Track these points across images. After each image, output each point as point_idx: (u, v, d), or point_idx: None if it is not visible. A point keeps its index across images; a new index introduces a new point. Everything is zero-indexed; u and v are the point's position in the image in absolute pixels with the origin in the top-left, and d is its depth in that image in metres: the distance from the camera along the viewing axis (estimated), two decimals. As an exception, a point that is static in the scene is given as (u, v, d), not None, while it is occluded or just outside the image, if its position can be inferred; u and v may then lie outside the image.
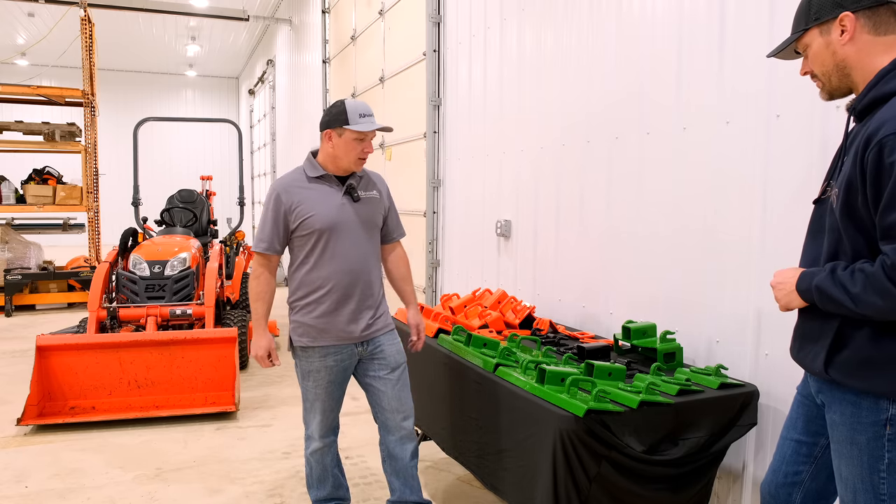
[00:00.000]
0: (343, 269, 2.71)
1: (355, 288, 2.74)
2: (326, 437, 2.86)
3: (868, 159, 1.51)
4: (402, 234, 3.03)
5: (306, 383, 2.79)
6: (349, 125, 2.65)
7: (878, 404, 1.58)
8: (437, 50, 5.56)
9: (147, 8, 12.15)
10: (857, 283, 1.53)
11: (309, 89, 10.79)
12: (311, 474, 2.94)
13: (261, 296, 2.78)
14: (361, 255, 2.75)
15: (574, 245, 3.76)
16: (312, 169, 2.77)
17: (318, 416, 2.81)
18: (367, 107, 2.70)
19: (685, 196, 2.94)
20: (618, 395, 2.32)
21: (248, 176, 18.44)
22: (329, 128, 2.71)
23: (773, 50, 1.81)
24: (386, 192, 2.93)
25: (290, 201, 2.70)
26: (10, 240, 9.03)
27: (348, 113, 2.66)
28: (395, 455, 2.88)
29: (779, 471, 1.92)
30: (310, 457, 2.89)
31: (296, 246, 2.76)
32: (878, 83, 1.59)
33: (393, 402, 2.83)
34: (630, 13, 3.26)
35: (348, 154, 2.70)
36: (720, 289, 2.77)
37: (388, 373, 2.83)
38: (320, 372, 2.76)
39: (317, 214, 2.68)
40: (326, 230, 2.68)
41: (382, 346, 2.83)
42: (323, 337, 2.73)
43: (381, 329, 2.84)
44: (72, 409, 4.49)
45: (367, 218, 2.79)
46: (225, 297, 6.39)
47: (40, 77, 16.43)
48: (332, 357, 2.75)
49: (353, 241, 2.73)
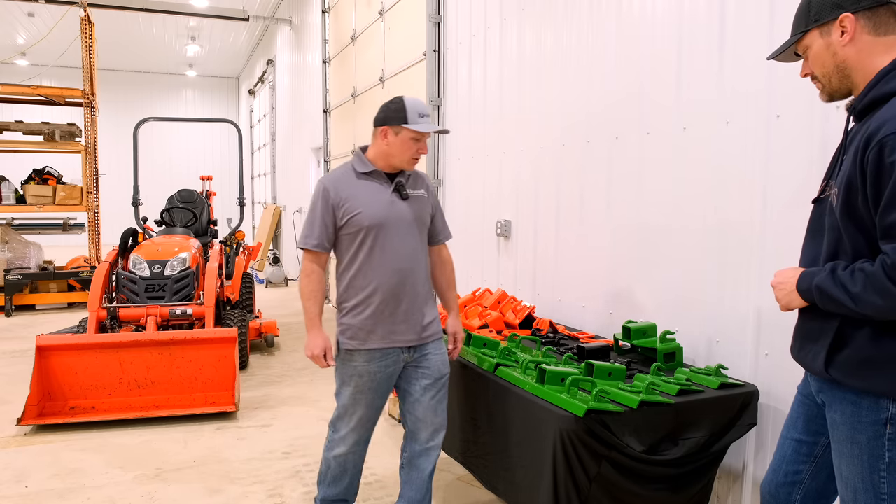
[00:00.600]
0: (392, 268, 2.61)
1: (405, 288, 2.64)
2: (357, 446, 2.76)
3: (868, 159, 1.52)
4: (449, 235, 2.92)
5: (346, 388, 2.68)
6: (408, 124, 2.56)
7: (879, 403, 1.58)
8: (437, 50, 5.56)
9: (147, 8, 12.15)
10: (857, 283, 1.53)
11: (309, 89, 10.79)
12: (328, 472, 2.83)
13: (313, 294, 2.66)
14: (410, 253, 2.65)
15: (574, 245, 3.76)
16: (362, 164, 2.68)
17: (352, 423, 2.70)
18: (425, 107, 2.64)
19: (685, 196, 2.94)
20: (618, 395, 2.32)
21: (248, 176, 18.44)
22: (386, 124, 2.61)
23: (773, 52, 1.81)
24: (432, 192, 2.84)
25: (339, 197, 2.61)
26: (10, 240, 9.03)
27: (408, 111, 2.58)
28: (416, 466, 2.81)
29: (779, 470, 1.92)
30: (332, 458, 2.78)
31: (343, 244, 2.66)
32: (878, 83, 1.60)
33: (428, 413, 2.74)
34: (630, 13, 3.26)
35: (403, 153, 2.62)
36: (720, 288, 2.77)
37: (431, 383, 2.72)
38: (363, 377, 2.64)
39: (365, 211, 2.59)
40: (375, 227, 2.59)
41: (429, 355, 2.72)
42: (371, 339, 2.63)
43: (431, 336, 2.73)
44: (72, 409, 4.49)
45: (415, 216, 2.68)
46: (225, 297, 6.39)
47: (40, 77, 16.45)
48: (377, 362, 2.64)
49: (402, 239, 2.64)
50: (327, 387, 5.32)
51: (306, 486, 3.50)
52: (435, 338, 2.76)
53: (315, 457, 3.89)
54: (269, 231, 13.07)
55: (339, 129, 8.83)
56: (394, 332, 2.64)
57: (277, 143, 14.17)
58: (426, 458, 2.80)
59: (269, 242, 13.12)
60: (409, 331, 2.67)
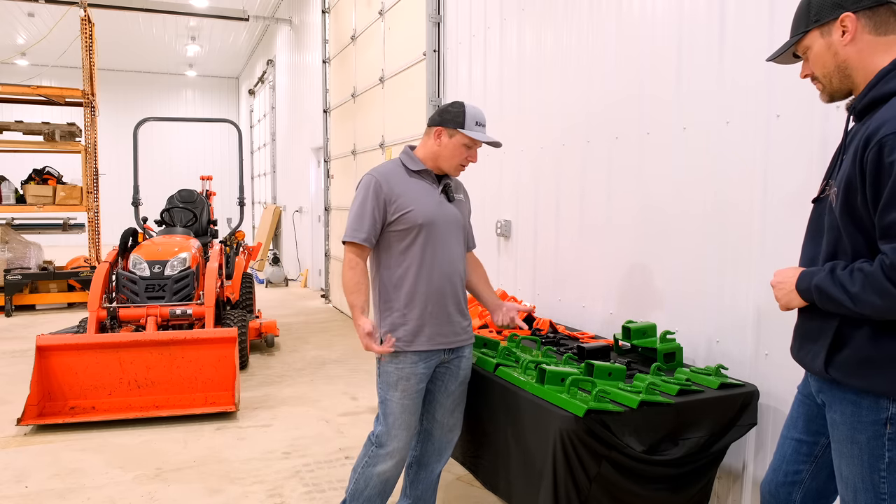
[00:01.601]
0: (441, 269, 2.58)
1: (452, 289, 2.62)
2: (403, 463, 2.67)
3: (868, 159, 1.51)
4: (475, 245, 2.94)
5: (394, 393, 2.58)
6: (464, 129, 2.54)
7: (879, 403, 1.58)
8: (437, 50, 5.56)
9: (147, 8, 12.15)
10: (855, 283, 1.53)
11: (309, 89, 10.79)
12: (364, 492, 2.67)
13: (359, 286, 2.55)
14: (456, 256, 2.64)
15: (574, 245, 3.76)
16: (412, 162, 2.63)
17: (404, 431, 2.60)
18: (483, 116, 2.62)
19: (685, 196, 2.94)
20: (618, 395, 2.32)
21: (248, 176, 18.44)
22: (442, 126, 2.58)
23: (773, 54, 1.80)
24: (469, 199, 2.84)
25: (392, 192, 2.55)
26: (10, 240, 9.03)
27: (466, 117, 2.55)
28: (426, 465, 2.80)
29: (779, 470, 1.92)
30: (374, 475, 2.63)
31: (392, 241, 2.59)
32: (878, 83, 1.59)
33: (447, 416, 2.73)
34: (630, 13, 3.26)
35: (453, 158, 2.59)
36: (720, 289, 2.77)
37: (456, 386, 2.71)
38: (410, 379, 2.57)
39: (417, 209, 2.54)
40: (426, 226, 2.54)
41: (462, 358, 2.70)
42: (418, 340, 2.57)
43: (468, 339, 2.72)
44: (72, 409, 4.49)
45: (460, 221, 2.67)
46: (225, 297, 6.39)
47: (40, 77, 16.45)
48: (422, 364, 2.59)
49: (450, 240, 2.61)
50: (327, 387, 5.32)
51: (306, 486, 3.50)
52: (470, 341, 2.75)
53: (315, 457, 3.90)
54: (269, 231, 13.07)
55: (339, 129, 8.83)
56: (439, 335, 2.60)
57: (277, 143, 14.17)
58: (437, 458, 2.80)
59: (269, 242, 13.13)
60: (451, 333, 2.63)
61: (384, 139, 6.94)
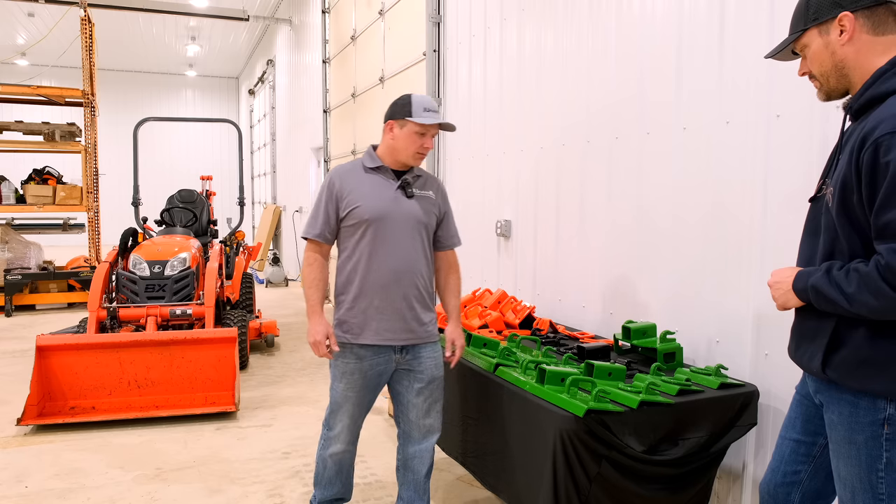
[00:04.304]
0: (389, 265, 2.62)
1: (401, 286, 2.64)
2: (351, 444, 2.79)
3: (864, 158, 1.52)
4: (458, 242, 2.90)
5: (338, 384, 2.70)
6: (412, 117, 2.59)
7: (876, 404, 1.58)
8: (437, 50, 5.56)
9: (147, 8, 12.15)
10: (851, 283, 1.53)
11: (309, 89, 10.79)
12: (324, 473, 2.84)
13: (315, 283, 2.67)
14: (409, 253, 2.65)
15: (574, 245, 3.76)
16: (370, 160, 2.70)
17: (345, 420, 2.72)
18: (432, 102, 2.65)
19: (685, 196, 2.94)
20: (618, 395, 2.32)
21: (248, 176, 18.44)
22: (392, 119, 2.66)
23: (772, 51, 1.81)
24: (442, 195, 2.83)
25: (343, 188, 2.64)
26: (10, 240, 9.03)
27: (413, 105, 2.61)
28: (410, 468, 2.82)
29: (777, 470, 1.93)
30: (328, 457, 2.80)
31: (343, 236, 2.69)
32: (874, 82, 1.60)
33: (421, 416, 2.76)
34: (630, 13, 3.26)
35: (408, 147, 2.64)
36: (720, 288, 2.77)
37: (423, 386, 2.73)
38: (354, 374, 2.66)
39: (365, 204, 2.61)
40: (374, 221, 2.60)
41: (421, 358, 2.72)
42: (364, 334, 2.64)
43: (425, 338, 2.72)
44: (72, 409, 4.49)
45: (418, 216, 2.68)
46: (225, 297, 6.39)
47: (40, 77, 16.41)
48: (368, 360, 2.66)
49: (402, 237, 2.64)
50: (327, 387, 5.32)
51: (306, 486, 3.50)
52: (429, 340, 2.74)
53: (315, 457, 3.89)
54: (269, 231, 13.07)
55: (339, 129, 8.83)
56: (387, 330, 2.65)
57: (277, 143, 14.17)
58: (419, 460, 2.81)
59: (269, 242, 13.12)
60: (402, 330, 2.66)
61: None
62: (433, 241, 2.79)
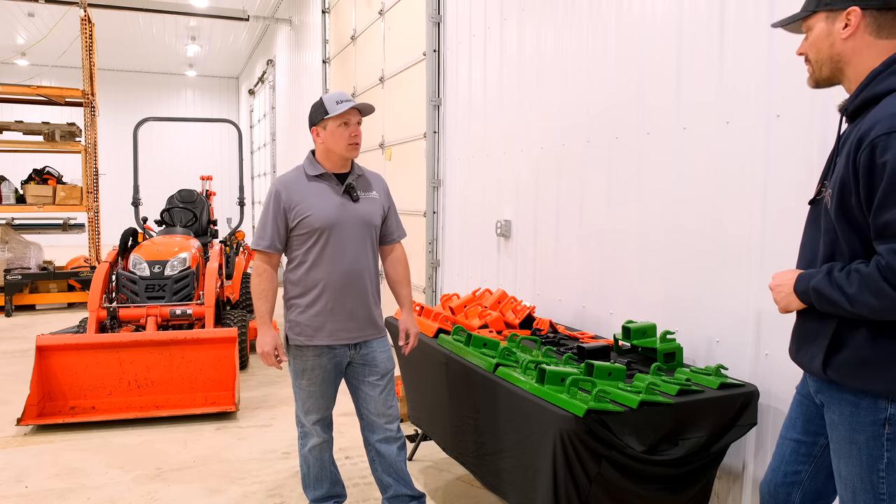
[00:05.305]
0: (340, 269, 2.72)
1: (352, 288, 2.75)
2: (325, 433, 2.88)
3: (860, 159, 1.52)
4: (403, 234, 3.03)
5: (301, 381, 2.80)
6: (329, 114, 2.69)
7: (877, 404, 1.58)
8: (437, 50, 5.56)
9: (147, 8, 12.14)
10: (852, 284, 1.54)
11: (309, 89, 10.79)
12: (309, 473, 2.94)
13: (263, 293, 2.77)
14: (358, 255, 2.76)
15: (574, 245, 3.76)
16: (312, 167, 2.78)
17: (314, 413, 2.83)
18: (343, 94, 2.75)
19: (685, 196, 2.94)
20: (618, 395, 2.32)
21: (248, 176, 18.43)
22: (314, 125, 2.76)
23: (780, 21, 1.78)
24: (385, 193, 2.94)
25: (290, 199, 2.71)
26: (10, 240, 9.03)
27: (325, 104, 2.71)
28: (382, 453, 2.88)
29: (778, 470, 1.93)
30: (308, 454, 2.89)
31: (294, 244, 2.76)
32: (869, 84, 1.60)
33: (380, 406, 2.85)
34: (630, 13, 3.26)
35: (338, 142, 2.73)
36: (720, 289, 2.77)
37: (378, 379, 2.84)
38: (315, 370, 2.77)
39: (315, 213, 2.69)
40: (326, 229, 2.69)
41: (374, 352, 2.84)
42: (318, 336, 2.74)
43: (375, 334, 2.85)
44: (72, 409, 4.50)
45: (365, 218, 2.79)
46: (225, 297, 6.39)
47: (40, 77, 16.42)
48: (325, 356, 2.77)
49: (351, 240, 2.74)
50: (327, 387, 5.32)
51: (306, 486, 3.50)
52: (379, 335, 2.87)
53: (315, 457, 3.89)
54: (269, 231, 13.03)
55: (339, 129, 8.81)
56: (340, 330, 2.75)
57: (277, 143, 14.17)
58: (388, 444, 2.88)
59: (269, 242, 13.09)
60: (355, 328, 2.78)
61: (384, 139, 6.94)
62: (380, 236, 2.91)
